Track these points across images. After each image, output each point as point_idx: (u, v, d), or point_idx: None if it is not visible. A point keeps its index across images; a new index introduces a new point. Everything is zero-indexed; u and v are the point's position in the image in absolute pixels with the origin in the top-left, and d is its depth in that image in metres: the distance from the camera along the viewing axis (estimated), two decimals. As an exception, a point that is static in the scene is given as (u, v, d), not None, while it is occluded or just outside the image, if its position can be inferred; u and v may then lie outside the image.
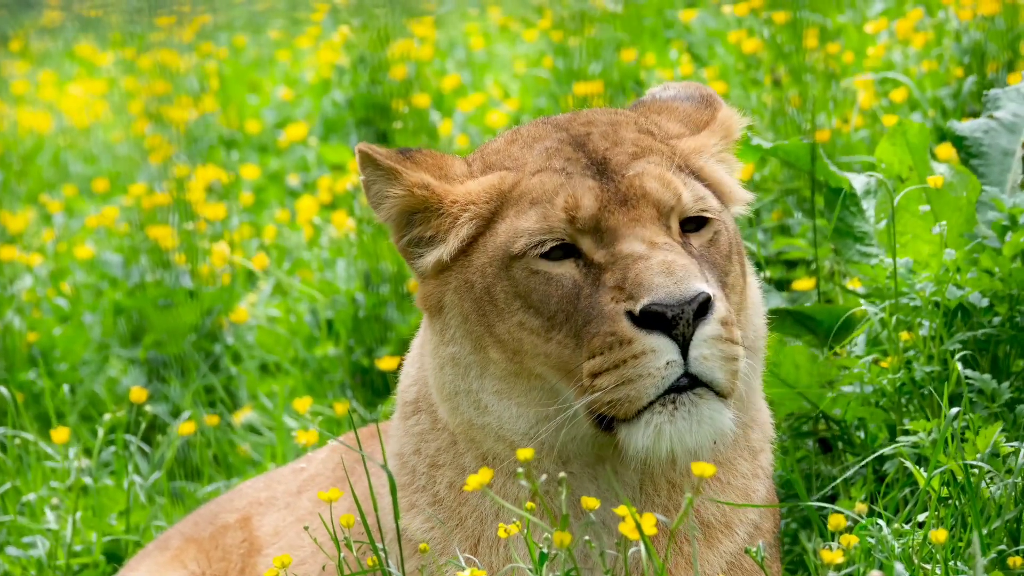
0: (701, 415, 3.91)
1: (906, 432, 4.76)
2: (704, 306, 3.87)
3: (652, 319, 3.87)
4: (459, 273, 4.16)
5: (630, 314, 3.89)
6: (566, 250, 4.06)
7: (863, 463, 4.98)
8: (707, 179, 4.20)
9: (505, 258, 4.09)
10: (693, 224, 4.08)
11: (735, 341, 3.93)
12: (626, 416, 3.93)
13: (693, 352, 3.88)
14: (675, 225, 4.05)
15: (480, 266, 4.13)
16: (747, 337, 4.16)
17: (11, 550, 5.95)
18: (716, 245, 4.08)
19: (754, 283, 4.30)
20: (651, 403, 3.90)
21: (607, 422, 3.97)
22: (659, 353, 3.88)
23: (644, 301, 3.87)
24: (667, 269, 3.88)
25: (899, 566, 4.07)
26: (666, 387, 3.89)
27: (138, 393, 6.25)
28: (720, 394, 3.92)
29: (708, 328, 3.89)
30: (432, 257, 4.22)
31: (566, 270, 4.04)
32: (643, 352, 3.89)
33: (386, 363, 6.97)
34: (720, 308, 3.91)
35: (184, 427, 6.61)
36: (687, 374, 3.90)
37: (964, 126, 5.47)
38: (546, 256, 4.06)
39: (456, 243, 4.18)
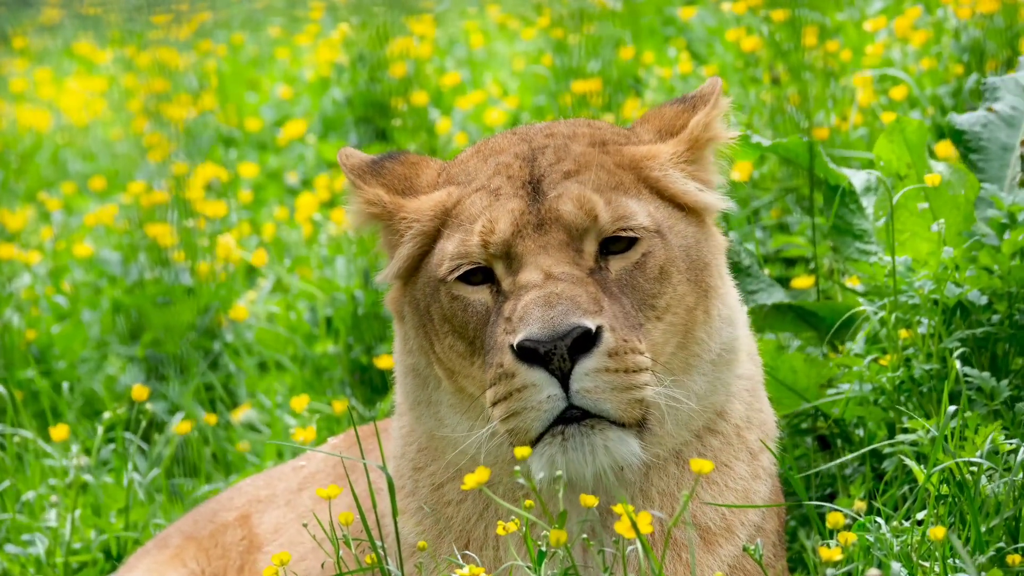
0: (594, 445, 3.88)
1: (905, 430, 4.76)
2: (581, 340, 3.83)
3: (529, 354, 3.85)
4: (411, 289, 4.17)
5: (512, 347, 3.87)
6: (485, 275, 4.03)
7: (858, 454, 4.98)
8: (665, 191, 4.13)
9: (435, 280, 4.09)
10: (623, 244, 4.02)
11: (631, 370, 3.88)
12: (523, 445, 3.92)
13: (574, 385, 3.85)
14: (590, 248, 4.00)
15: (422, 285, 4.13)
16: (711, 351, 4.10)
17: (10, 548, 5.94)
18: (643, 267, 4.01)
19: (730, 294, 4.23)
20: (543, 434, 3.89)
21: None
22: (539, 387, 3.86)
23: (519, 336, 3.84)
24: (548, 302, 3.84)
25: (895, 565, 4.07)
26: (551, 420, 3.87)
27: (137, 391, 6.25)
28: (618, 423, 3.90)
29: (590, 362, 3.85)
30: (382, 275, 4.24)
31: (482, 296, 4.03)
32: (524, 386, 3.88)
33: (385, 361, 6.96)
34: (609, 339, 3.86)
35: (182, 425, 6.61)
36: (575, 406, 3.88)
37: (963, 119, 5.46)
38: (466, 280, 4.04)
39: (399, 264, 4.18)
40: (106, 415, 6.06)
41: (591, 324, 3.84)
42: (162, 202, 8.40)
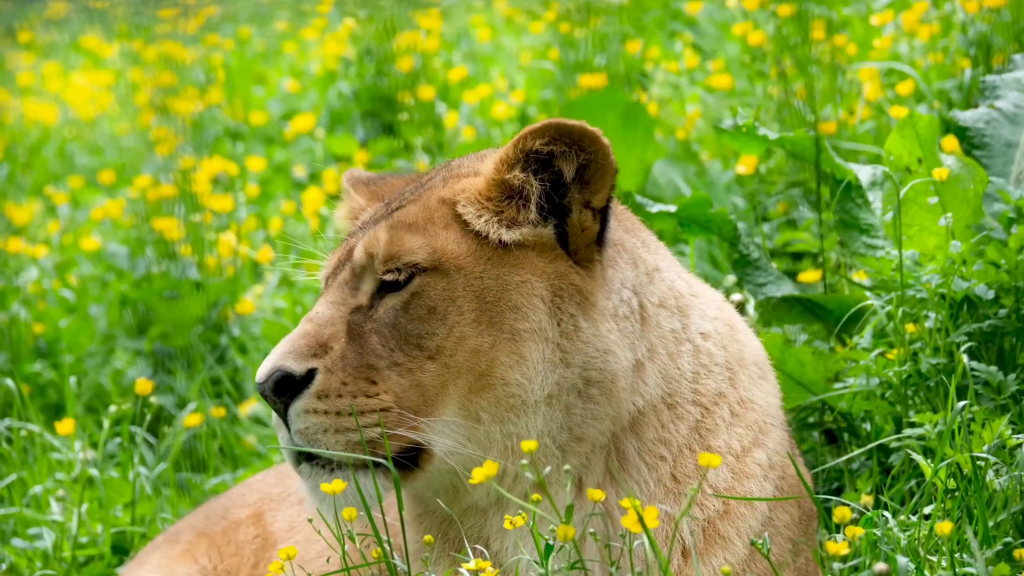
0: (316, 484, 3.89)
1: (912, 424, 4.76)
2: (284, 383, 3.86)
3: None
4: None
5: None
6: None
7: (865, 449, 4.98)
8: (468, 226, 3.97)
9: None
10: (399, 282, 3.95)
11: (344, 412, 3.86)
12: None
13: (291, 426, 3.89)
14: (367, 287, 3.97)
15: None
16: (533, 392, 3.88)
17: (17, 542, 5.95)
18: (408, 307, 3.92)
19: (579, 336, 3.93)
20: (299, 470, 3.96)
21: None
22: (277, 427, 3.95)
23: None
24: (278, 345, 3.92)
25: (902, 559, 4.07)
26: (293, 458, 3.93)
27: (144, 385, 6.26)
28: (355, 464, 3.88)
29: (299, 403, 3.88)
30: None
31: None
32: (276, 425, 3.97)
33: (391, 355, 6.95)
34: (319, 381, 3.87)
35: (190, 419, 6.62)
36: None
37: (967, 116, 5.46)
38: None
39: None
40: (112, 409, 6.07)
41: (297, 368, 3.87)
42: (169, 196, 8.41)
